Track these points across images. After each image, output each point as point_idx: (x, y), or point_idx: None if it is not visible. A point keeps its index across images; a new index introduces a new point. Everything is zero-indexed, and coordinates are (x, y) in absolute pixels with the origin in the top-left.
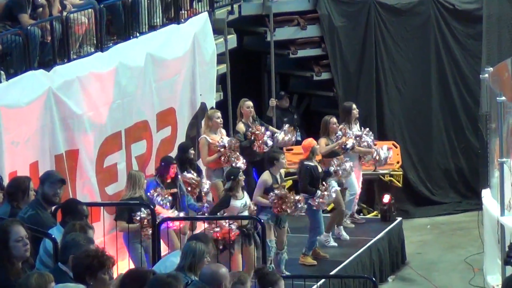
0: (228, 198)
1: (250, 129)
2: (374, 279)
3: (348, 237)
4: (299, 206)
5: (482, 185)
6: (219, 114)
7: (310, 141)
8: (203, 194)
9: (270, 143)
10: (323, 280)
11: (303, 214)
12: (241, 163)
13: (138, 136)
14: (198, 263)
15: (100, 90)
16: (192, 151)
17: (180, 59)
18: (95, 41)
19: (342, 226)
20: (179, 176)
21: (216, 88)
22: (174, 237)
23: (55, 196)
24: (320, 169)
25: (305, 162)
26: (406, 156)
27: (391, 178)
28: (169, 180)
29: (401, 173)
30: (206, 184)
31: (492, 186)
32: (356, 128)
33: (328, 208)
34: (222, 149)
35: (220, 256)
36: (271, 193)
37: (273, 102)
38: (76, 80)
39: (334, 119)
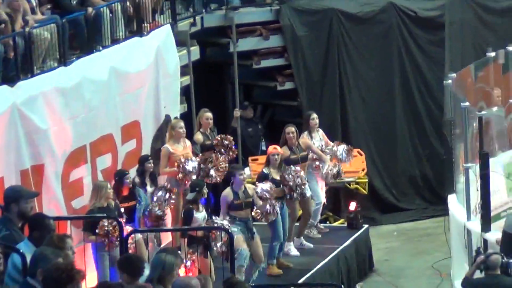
0: (190, 211)
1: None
2: (342, 286)
3: (312, 246)
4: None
5: (448, 190)
6: (182, 124)
7: (269, 148)
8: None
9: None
10: None
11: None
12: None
13: (103, 149)
14: (167, 275)
15: (64, 105)
16: (150, 164)
17: (144, 72)
18: (58, 56)
19: (302, 237)
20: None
21: (180, 100)
22: (142, 248)
23: (31, 211)
24: (276, 177)
25: (262, 169)
26: (371, 164)
27: (357, 186)
28: (126, 193)
29: (366, 180)
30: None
31: (458, 192)
32: (317, 138)
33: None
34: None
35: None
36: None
37: (237, 112)
38: (40, 95)
39: (288, 129)
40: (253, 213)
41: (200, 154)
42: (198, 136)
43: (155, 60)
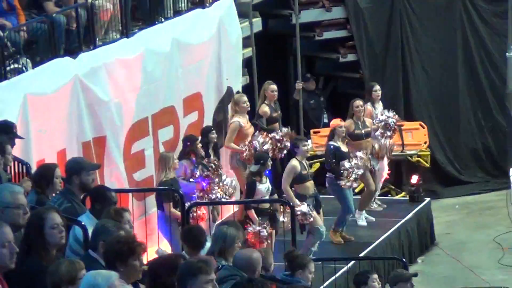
0: (253, 183)
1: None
2: (404, 260)
3: (373, 219)
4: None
5: (510, 164)
6: (245, 98)
7: (334, 121)
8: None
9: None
10: (352, 262)
11: (332, 196)
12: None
13: (165, 121)
14: (228, 248)
15: (126, 76)
16: (213, 134)
17: (206, 44)
18: (120, 27)
19: (364, 210)
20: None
21: (242, 72)
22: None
23: (93, 183)
24: (345, 149)
25: (329, 142)
26: (433, 136)
27: (419, 159)
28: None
29: (428, 153)
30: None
31: None
32: (379, 110)
33: (357, 190)
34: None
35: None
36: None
37: (299, 85)
38: (103, 66)
39: (357, 102)
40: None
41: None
42: (265, 109)
43: (217, 32)
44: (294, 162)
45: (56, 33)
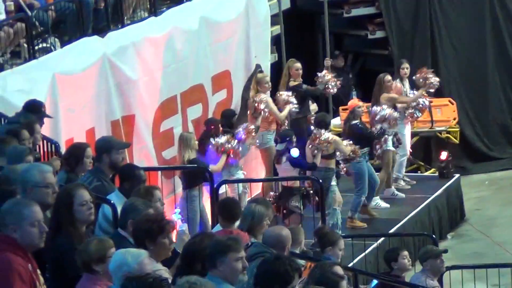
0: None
1: None
2: (433, 236)
3: (403, 196)
4: None
5: None
6: (268, 78)
7: (352, 102)
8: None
9: None
10: (382, 238)
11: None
12: None
13: (194, 99)
14: (257, 225)
15: (154, 55)
16: (235, 119)
17: (234, 22)
18: (148, 6)
19: (393, 187)
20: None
21: (271, 49)
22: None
23: (122, 161)
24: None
25: (353, 122)
26: (462, 113)
27: (448, 135)
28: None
29: (458, 129)
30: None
31: None
32: (407, 87)
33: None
34: None
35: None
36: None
37: (328, 62)
38: (131, 45)
39: (388, 77)
40: None
41: None
42: (296, 83)
43: (245, 10)
44: (334, 135)
45: (84, 12)
